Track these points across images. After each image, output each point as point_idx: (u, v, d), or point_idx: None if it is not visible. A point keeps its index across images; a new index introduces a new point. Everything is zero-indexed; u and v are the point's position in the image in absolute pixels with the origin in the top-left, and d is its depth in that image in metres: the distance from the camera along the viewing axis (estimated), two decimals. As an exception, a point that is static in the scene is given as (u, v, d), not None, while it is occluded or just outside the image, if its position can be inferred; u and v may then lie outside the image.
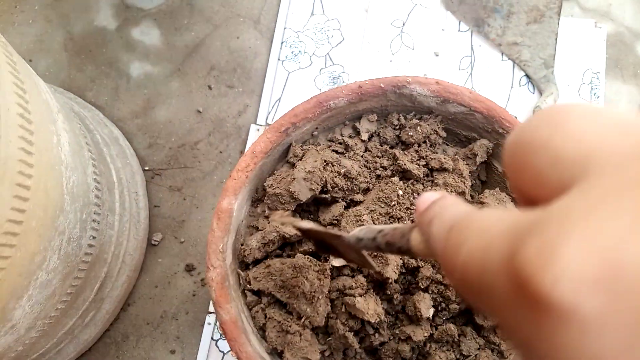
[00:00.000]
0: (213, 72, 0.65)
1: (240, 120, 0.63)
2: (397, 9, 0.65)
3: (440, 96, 0.43)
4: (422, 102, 0.43)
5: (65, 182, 0.41)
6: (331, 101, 0.43)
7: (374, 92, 0.43)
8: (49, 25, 0.67)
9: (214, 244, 0.39)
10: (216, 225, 0.40)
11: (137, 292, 0.58)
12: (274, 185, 0.42)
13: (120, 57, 0.65)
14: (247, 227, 0.44)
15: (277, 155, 0.44)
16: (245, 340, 0.37)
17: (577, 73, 0.62)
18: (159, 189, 0.61)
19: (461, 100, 0.42)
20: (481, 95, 0.42)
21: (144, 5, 0.67)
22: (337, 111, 0.44)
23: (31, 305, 0.40)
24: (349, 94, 0.43)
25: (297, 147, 0.44)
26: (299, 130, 0.44)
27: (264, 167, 0.43)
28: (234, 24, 0.66)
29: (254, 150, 0.42)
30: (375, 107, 0.45)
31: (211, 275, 0.39)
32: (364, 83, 0.43)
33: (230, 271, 0.40)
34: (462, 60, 0.63)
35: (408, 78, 0.42)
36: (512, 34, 0.63)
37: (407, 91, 0.43)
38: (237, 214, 0.41)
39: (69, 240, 0.42)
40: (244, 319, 0.40)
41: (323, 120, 0.44)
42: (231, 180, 0.41)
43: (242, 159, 0.41)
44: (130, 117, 0.63)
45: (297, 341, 0.38)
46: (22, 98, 0.35)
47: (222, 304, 0.38)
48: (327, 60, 0.64)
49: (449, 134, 0.46)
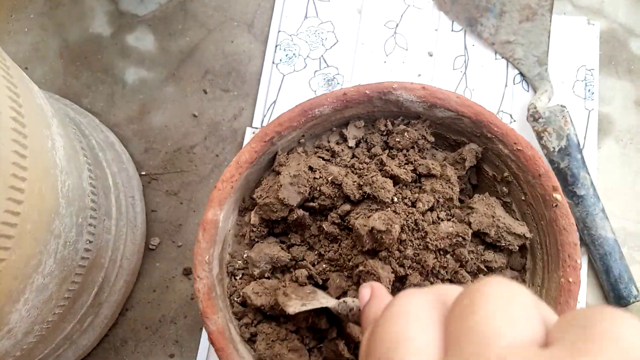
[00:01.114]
0: (208, 76, 0.65)
1: (236, 124, 0.63)
2: (390, 10, 0.65)
3: (427, 101, 0.42)
4: (409, 107, 0.43)
5: (61, 185, 0.41)
6: (316, 109, 0.43)
7: (359, 99, 0.43)
8: (44, 33, 0.67)
9: (200, 256, 0.39)
10: (202, 237, 0.40)
11: (135, 297, 0.58)
12: (263, 195, 0.42)
13: (115, 63, 0.66)
14: (235, 236, 0.44)
15: (263, 164, 0.44)
16: (232, 350, 0.38)
17: (571, 70, 0.62)
18: (155, 193, 0.61)
19: (448, 105, 0.42)
20: (469, 99, 0.42)
21: (138, 11, 0.67)
22: (322, 119, 0.44)
23: (28, 309, 0.40)
24: (333, 102, 0.43)
25: (283, 155, 0.44)
26: (284, 138, 0.44)
27: (250, 176, 0.43)
28: (228, 29, 0.67)
29: (238, 160, 0.42)
30: (361, 113, 0.45)
31: (198, 286, 0.39)
32: (349, 90, 0.43)
33: (217, 281, 0.41)
34: (455, 60, 0.63)
35: (394, 84, 0.42)
36: (505, 32, 0.63)
37: (393, 97, 0.43)
38: (223, 224, 0.42)
39: (65, 244, 0.42)
40: (232, 329, 0.40)
41: (309, 127, 0.44)
42: (216, 191, 0.41)
43: (227, 170, 0.41)
44: (126, 122, 0.64)
45: (285, 354, 0.38)
46: (15, 102, 0.35)
47: (209, 315, 0.38)
48: (321, 63, 0.64)
49: (437, 137, 0.46)
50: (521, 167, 0.41)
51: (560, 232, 0.38)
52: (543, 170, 0.39)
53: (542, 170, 0.39)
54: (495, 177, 0.44)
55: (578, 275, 0.38)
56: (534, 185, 0.40)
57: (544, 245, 0.41)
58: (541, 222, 0.41)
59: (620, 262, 0.53)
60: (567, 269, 0.38)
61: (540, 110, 0.56)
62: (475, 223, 0.40)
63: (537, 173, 0.40)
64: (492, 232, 0.40)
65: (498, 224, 0.40)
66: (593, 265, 0.55)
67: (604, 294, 0.55)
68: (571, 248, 0.38)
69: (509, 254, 0.42)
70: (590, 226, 0.53)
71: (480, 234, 0.41)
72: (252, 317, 0.41)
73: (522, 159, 0.40)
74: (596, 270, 0.54)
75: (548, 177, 0.39)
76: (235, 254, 0.44)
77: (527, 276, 0.42)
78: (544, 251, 0.41)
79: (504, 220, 0.41)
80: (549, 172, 0.40)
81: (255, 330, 0.41)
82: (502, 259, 0.42)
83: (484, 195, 0.43)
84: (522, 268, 0.43)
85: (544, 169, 0.39)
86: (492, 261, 0.41)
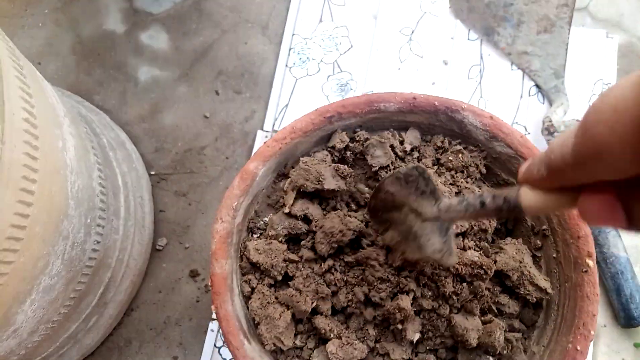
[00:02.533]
0: (220, 77, 0.64)
1: (247, 126, 0.63)
2: (406, 17, 0.65)
3: (490, 131, 0.41)
4: (471, 132, 0.42)
5: (70, 186, 0.41)
6: (382, 103, 0.42)
7: (426, 108, 0.42)
8: (58, 28, 0.67)
9: (230, 199, 0.40)
10: (237, 184, 0.40)
11: (141, 297, 0.58)
12: (309, 162, 0.42)
13: (128, 61, 0.65)
14: (267, 196, 0.44)
15: (315, 139, 0.44)
16: (228, 298, 0.38)
17: (588, 84, 0.61)
18: (164, 193, 0.61)
19: (510, 141, 0.41)
20: (530, 142, 0.41)
21: (152, 9, 0.67)
22: (384, 115, 0.43)
23: (34, 309, 0.40)
24: (401, 102, 0.42)
25: (343, 134, 0.43)
26: (343, 121, 0.43)
27: (299, 145, 0.43)
28: (242, 30, 0.66)
29: (294, 125, 0.42)
30: (423, 122, 0.44)
31: (217, 227, 0.39)
32: (419, 96, 0.42)
33: (236, 231, 0.41)
34: (471, 69, 0.63)
35: (464, 104, 0.41)
36: (522, 43, 0.62)
37: (458, 117, 0.42)
38: (260, 180, 0.42)
39: (72, 245, 0.42)
40: (234, 280, 0.40)
41: (369, 119, 0.44)
42: (264, 147, 0.41)
43: (281, 131, 0.42)
44: (137, 121, 0.63)
45: (276, 319, 0.38)
46: (27, 103, 0.35)
47: (219, 258, 0.39)
48: (334, 67, 0.63)
49: (488, 171, 0.44)
50: (562, 225, 0.40)
51: (582, 298, 0.37)
52: (583, 233, 0.38)
53: (583, 232, 0.38)
54: (533, 228, 0.43)
55: (587, 346, 0.36)
56: (570, 245, 0.39)
57: (562, 307, 0.39)
58: (566, 283, 0.39)
59: (632, 281, 0.52)
60: (578, 336, 0.37)
61: (555, 124, 0.55)
62: (501, 263, 0.39)
63: (577, 235, 0.38)
64: (515, 276, 0.39)
65: (523, 271, 0.39)
66: (604, 283, 0.54)
67: (614, 314, 0.54)
68: (588, 317, 0.37)
69: (523, 305, 0.41)
70: (602, 244, 0.53)
71: (502, 275, 0.40)
72: (257, 277, 0.41)
73: (565, 216, 0.39)
74: (607, 288, 0.54)
75: (586, 241, 0.38)
76: (260, 213, 0.44)
77: (535, 334, 0.41)
78: (559, 313, 0.40)
79: (530, 269, 0.40)
80: (588, 236, 0.38)
81: (254, 289, 0.41)
82: (515, 307, 0.40)
83: (517, 240, 0.42)
84: (532, 324, 0.42)
85: (584, 232, 0.38)
86: (505, 305, 0.40)
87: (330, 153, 0.44)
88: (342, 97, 0.62)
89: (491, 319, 0.39)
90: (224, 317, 0.37)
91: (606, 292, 0.54)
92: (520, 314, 0.42)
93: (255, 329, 0.39)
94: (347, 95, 0.62)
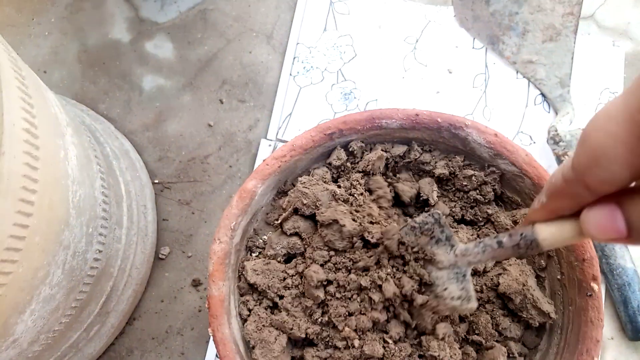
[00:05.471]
0: (225, 86, 0.65)
1: (251, 135, 0.63)
2: (411, 26, 0.65)
3: (494, 149, 0.41)
4: (475, 149, 0.42)
5: (72, 196, 0.41)
6: (384, 120, 0.42)
7: (429, 125, 0.42)
8: (64, 37, 0.67)
9: (228, 220, 0.40)
10: (235, 203, 0.40)
11: (143, 307, 0.57)
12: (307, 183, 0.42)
13: (133, 70, 0.66)
14: (266, 214, 0.44)
15: (315, 156, 0.44)
16: (225, 321, 0.38)
17: (594, 92, 0.61)
18: (167, 202, 0.61)
19: (515, 159, 0.40)
20: (536, 160, 0.40)
21: (158, 19, 0.67)
22: (386, 132, 0.43)
23: (34, 319, 0.40)
24: (403, 119, 0.42)
25: (341, 151, 0.43)
26: (344, 138, 0.43)
27: (299, 162, 0.43)
28: (246, 39, 0.66)
29: (294, 143, 0.41)
30: (425, 139, 0.43)
31: (215, 248, 0.39)
32: (422, 112, 0.42)
33: (234, 251, 0.40)
34: (476, 78, 0.62)
35: (467, 121, 0.41)
36: (527, 52, 0.62)
37: (462, 134, 0.41)
38: (259, 198, 0.41)
39: (74, 254, 0.42)
40: (232, 302, 0.40)
41: (370, 136, 0.43)
42: (263, 165, 0.41)
43: (280, 148, 0.41)
44: (142, 129, 0.63)
45: (271, 342, 0.38)
46: (28, 113, 0.35)
47: (216, 280, 0.38)
48: (338, 76, 0.63)
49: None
50: (567, 246, 0.39)
51: (586, 323, 0.36)
52: (588, 256, 0.38)
53: (588, 255, 0.38)
54: None
55: None
56: (575, 268, 0.38)
57: (565, 331, 0.39)
58: (570, 306, 0.39)
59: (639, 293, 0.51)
60: None
61: (561, 134, 0.54)
62: (504, 285, 0.39)
63: (582, 257, 0.38)
64: (518, 299, 0.39)
65: (526, 294, 0.39)
66: (610, 295, 0.53)
67: (620, 326, 0.53)
68: (592, 343, 0.36)
69: (525, 328, 0.41)
70: (609, 255, 0.52)
71: (505, 298, 0.40)
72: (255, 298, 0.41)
73: None
74: (614, 300, 0.53)
75: (591, 264, 0.37)
76: (259, 231, 0.44)
77: (537, 357, 0.41)
78: (562, 337, 0.39)
79: (534, 292, 0.39)
80: (594, 259, 0.38)
81: (251, 311, 0.40)
82: (517, 331, 0.40)
83: (521, 261, 0.41)
84: (535, 347, 0.41)
85: (589, 255, 0.37)
86: (506, 329, 0.40)
87: (329, 169, 0.44)
88: (346, 105, 0.62)
89: (493, 344, 0.39)
90: (221, 341, 0.37)
91: (613, 304, 0.53)
92: (522, 337, 0.41)
93: (252, 352, 0.38)
94: (351, 103, 0.62)
